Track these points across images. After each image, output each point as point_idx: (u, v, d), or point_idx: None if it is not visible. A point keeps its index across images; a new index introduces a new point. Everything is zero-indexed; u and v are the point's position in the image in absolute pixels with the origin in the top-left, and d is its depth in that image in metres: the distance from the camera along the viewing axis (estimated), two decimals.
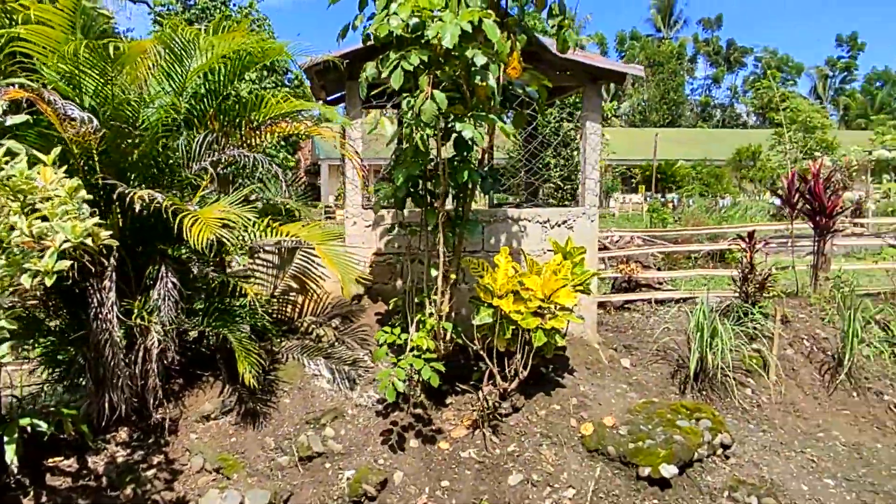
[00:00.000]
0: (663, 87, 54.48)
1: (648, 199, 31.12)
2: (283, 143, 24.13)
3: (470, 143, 4.92)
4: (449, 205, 5.49)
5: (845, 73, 64.60)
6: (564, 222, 7.16)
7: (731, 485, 5.63)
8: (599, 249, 11.13)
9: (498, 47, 4.78)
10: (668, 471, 5.35)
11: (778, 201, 15.78)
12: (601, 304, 9.39)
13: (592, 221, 7.25)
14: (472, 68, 4.62)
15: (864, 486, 6.37)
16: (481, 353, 5.61)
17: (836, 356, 8.06)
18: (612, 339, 8.21)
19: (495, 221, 6.97)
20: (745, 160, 30.90)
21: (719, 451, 5.94)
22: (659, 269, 10.57)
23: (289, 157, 24.75)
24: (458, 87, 5.08)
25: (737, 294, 8.71)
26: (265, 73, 24.83)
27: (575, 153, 17.75)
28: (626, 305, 9.49)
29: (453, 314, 5.70)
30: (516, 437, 5.62)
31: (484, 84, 4.80)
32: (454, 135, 4.99)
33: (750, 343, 7.95)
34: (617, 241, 11.52)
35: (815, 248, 9.51)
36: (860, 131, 41.31)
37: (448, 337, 5.58)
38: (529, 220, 7.07)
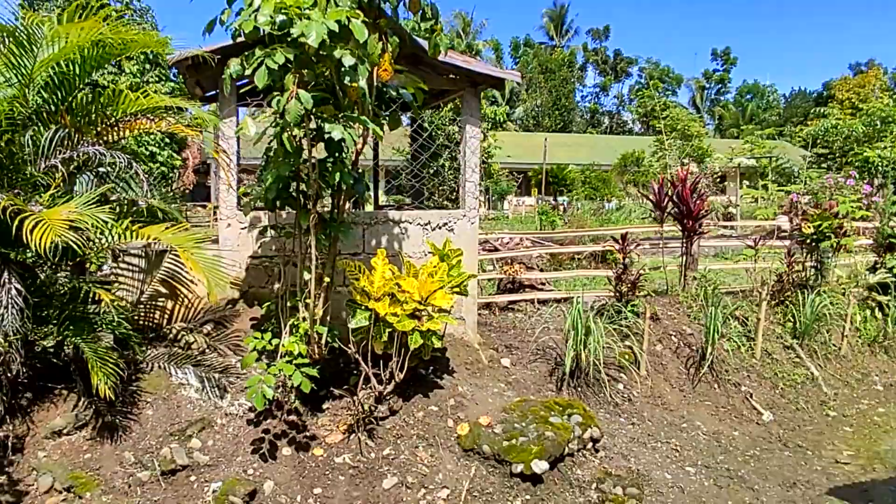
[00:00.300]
0: (555, 93, 56.39)
1: (541, 201, 32.09)
2: (167, 140, 22.99)
3: (340, 144, 4.85)
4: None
5: (720, 86, 69.44)
6: (445, 224, 7.22)
7: (599, 477, 5.87)
8: (490, 251, 11.36)
9: (369, 48, 4.75)
10: (540, 466, 5.50)
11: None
12: (486, 305, 9.57)
13: (473, 224, 7.36)
14: (342, 69, 4.56)
15: (721, 472, 6.82)
16: (356, 356, 5.55)
17: (700, 351, 8.60)
18: (495, 339, 8.37)
19: (376, 224, 6.93)
20: (629, 165, 32.48)
21: (589, 445, 6.17)
22: (542, 270, 10.88)
23: (174, 155, 23.59)
24: (330, 88, 5.01)
25: (612, 294, 9.12)
26: (148, 66, 23.59)
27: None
28: (510, 306, 9.71)
29: (329, 318, 5.61)
30: (392, 440, 5.60)
31: (355, 85, 4.76)
32: (327, 136, 4.90)
33: (623, 340, 8.33)
34: (507, 243, 11.77)
35: (683, 249, 10.11)
36: (733, 139, 44.37)
37: (323, 341, 5.49)
38: (411, 223, 7.08)
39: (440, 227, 7.20)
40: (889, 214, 11.43)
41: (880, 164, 24.35)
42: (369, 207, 9.75)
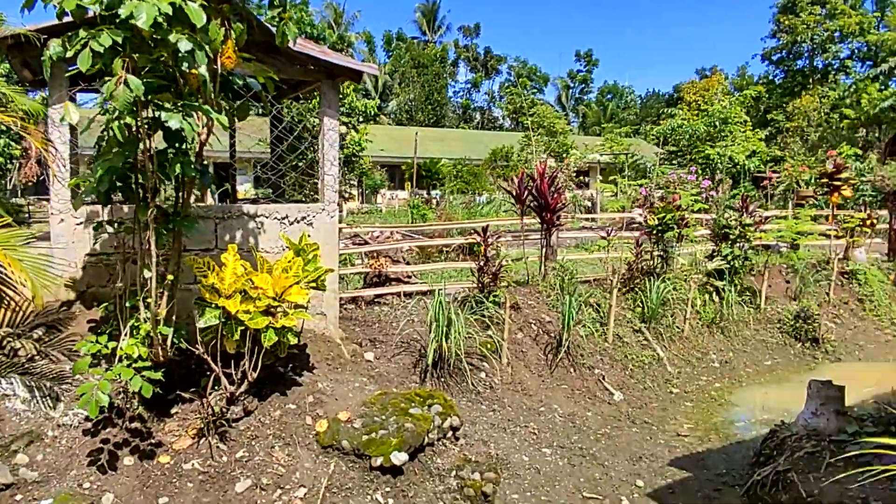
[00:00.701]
0: (428, 88, 56.90)
1: (415, 195, 32.28)
2: (3, 127, 20.84)
3: (179, 134, 4.59)
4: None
5: (583, 85, 73.01)
6: (304, 218, 7.06)
7: (458, 464, 5.98)
8: (360, 244, 11.26)
9: (210, 34, 4.53)
10: (399, 458, 5.52)
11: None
12: (353, 300, 9.48)
13: (332, 217, 7.25)
14: (179, 54, 4.31)
15: (575, 452, 7.18)
16: (206, 357, 5.30)
17: (558, 337, 8.99)
18: (359, 333, 8.32)
19: (229, 218, 6.65)
20: (499, 160, 33.38)
21: (449, 434, 6.27)
22: (408, 263, 10.94)
23: (12, 144, 21.42)
24: (170, 75, 4.73)
25: (476, 285, 9.32)
26: None
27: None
28: (376, 300, 9.68)
29: (175, 318, 5.31)
30: (246, 441, 5.41)
31: (194, 72, 4.52)
32: (165, 125, 4.62)
33: (485, 330, 8.55)
34: (378, 237, 11.70)
35: (543, 240, 10.53)
36: (595, 137, 46.86)
37: (168, 342, 5.19)
38: (267, 217, 6.86)
39: (299, 222, 7.03)
40: (724, 207, 12.51)
41: (719, 161, 26.64)
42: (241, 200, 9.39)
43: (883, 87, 33.84)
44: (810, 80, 44.90)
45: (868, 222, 14.36)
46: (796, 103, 39.67)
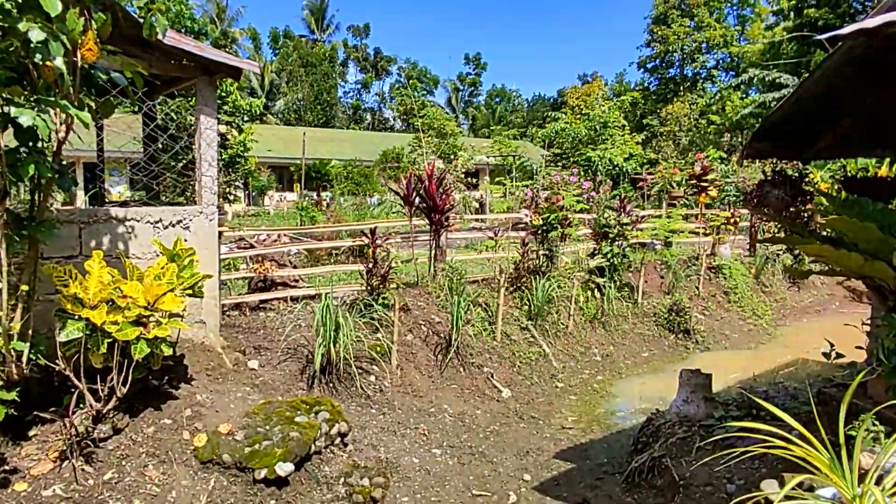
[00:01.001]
0: (317, 87, 55.91)
1: (305, 197, 31.60)
2: None
3: (32, 131, 4.21)
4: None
5: (472, 88, 74.35)
6: (180, 222, 6.70)
7: (346, 471, 5.88)
8: (245, 248, 10.85)
9: (68, 24, 4.19)
10: (284, 469, 5.35)
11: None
12: (237, 306, 9.13)
13: (211, 220, 6.93)
14: (31, 45, 3.96)
15: (465, 450, 7.25)
16: (67, 372, 4.90)
17: (448, 338, 9.06)
18: (243, 341, 8.01)
19: (96, 222, 6.19)
20: (390, 161, 33.32)
21: (337, 441, 6.16)
22: (295, 267, 10.67)
23: None
24: (23, 67, 4.34)
25: (365, 288, 9.22)
26: None
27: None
28: (261, 305, 9.36)
29: (31, 332, 4.88)
30: (116, 462, 5.05)
31: (49, 64, 4.17)
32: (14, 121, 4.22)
33: (375, 333, 8.47)
34: (264, 240, 11.33)
35: (432, 241, 10.58)
36: (485, 139, 47.78)
37: (24, 359, 4.76)
38: (138, 221, 6.45)
39: (174, 226, 6.66)
40: (604, 207, 13.09)
41: (600, 163, 27.92)
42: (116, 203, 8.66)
43: (744, 96, 36.75)
44: (681, 88, 47.94)
45: (732, 220, 15.54)
46: (669, 109, 42.24)
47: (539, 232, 11.46)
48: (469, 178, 31.94)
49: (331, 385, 7.62)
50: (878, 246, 4.58)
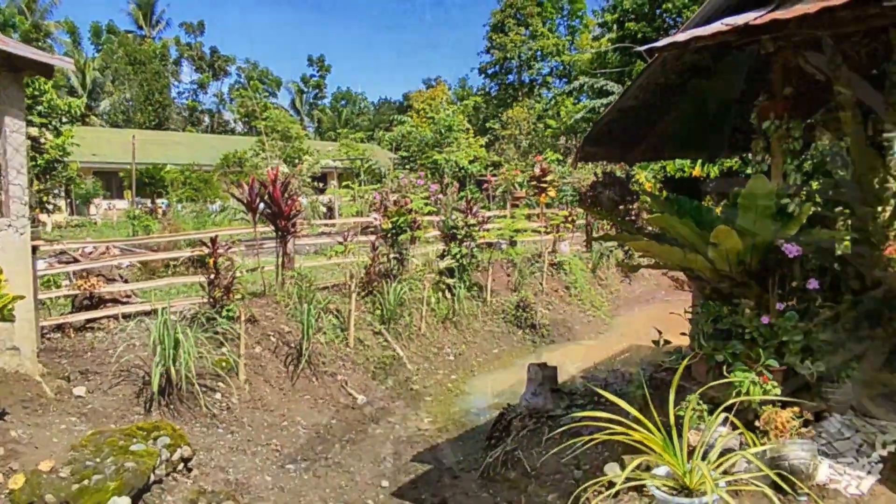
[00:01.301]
0: (147, 87, 52.16)
1: (138, 204, 29.35)
2: None
3: None
4: None
5: (317, 91, 73.05)
6: None
7: (191, 498, 5.49)
8: (67, 262, 9.78)
9: None
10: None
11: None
12: (58, 327, 8.24)
13: (22, 234, 6.18)
14: None
15: (321, 462, 7.05)
16: None
17: (298, 347, 8.78)
18: (66, 366, 7.24)
19: None
20: (232, 165, 31.85)
21: (180, 467, 5.75)
22: (125, 281, 9.82)
23: None
24: None
25: (207, 300, 8.70)
26: None
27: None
28: (89, 325, 8.51)
29: None
30: None
31: None
32: None
33: (219, 348, 8.01)
34: (90, 253, 10.30)
35: (279, 248, 10.21)
36: (331, 142, 47.11)
37: None
38: None
39: None
40: (451, 209, 13.36)
41: (447, 165, 28.54)
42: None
43: (577, 101, 39.18)
44: (520, 93, 50.23)
45: (570, 219, 16.51)
46: (510, 113, 44.07)
47: (389, 235, 11.45)
48: (316, 183, 31.40)
49: (172, 407, 7.09)
50: (695, 240, 5.01)
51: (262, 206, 9.83)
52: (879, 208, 5.07)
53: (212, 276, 8.51)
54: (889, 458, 4.19)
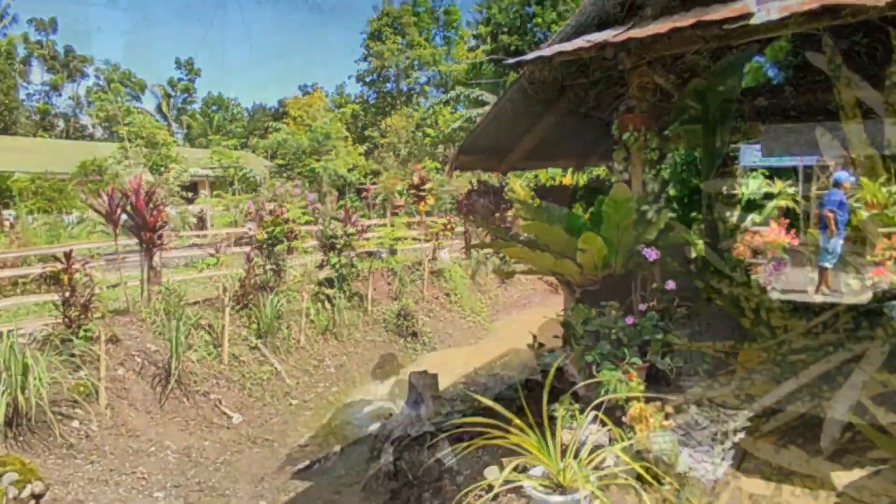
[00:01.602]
0: None
1: None
2: None
3: None
4: None
5: (186, 95, 69.55)
6: None
7: None
8: None
9: None
10: None
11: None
12: None
13: None
14: None
15: (192, 488, 6.69)
16: None
17: (167, 367, 8.29)
18: None
19: None
20: (91, 174, 29.64)
21: None
22: None
23: None
24: None
25: (62, 320, 8.01)
26: None
27: None
28: None
29: None
30: None
31: None
32: None
33: (76, 371, 7.41)
34: None
35: (144, 262, 9.60)
36: (203, 149, 45.02)
37: None
38: None
39: None
40: (330, 218, 13.16)
41: (325, 174, 28.14)
42: None
43: (454, 111, 39.89)
44: (398, 102, 50.43)
45: (449, 227, 16.73)
46: (388, 122, 44.14)
47: (265, 246, 11.09)
48: (186, 192, 29.86)
49: (21, 439, 6.45)
50: (565, 246, 5.23)
51: (124, 217, 9.21)
52: (727, 213, 5.53)
53: (67, 294, 7.85)
54: (739, 444, 4.56)
